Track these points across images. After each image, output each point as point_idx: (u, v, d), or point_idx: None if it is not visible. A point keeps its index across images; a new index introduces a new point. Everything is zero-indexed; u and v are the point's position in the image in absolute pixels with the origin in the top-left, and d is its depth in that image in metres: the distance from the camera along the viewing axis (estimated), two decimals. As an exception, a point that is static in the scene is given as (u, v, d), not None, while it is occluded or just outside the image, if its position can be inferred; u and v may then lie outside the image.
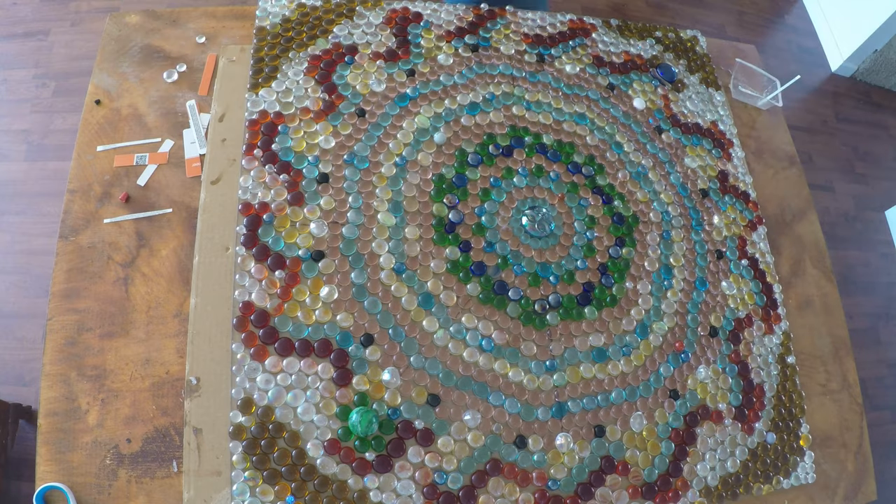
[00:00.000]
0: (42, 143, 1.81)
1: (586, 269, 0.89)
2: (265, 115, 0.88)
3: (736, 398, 0.88)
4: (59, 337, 0.75)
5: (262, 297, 0.77)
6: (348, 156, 0.87)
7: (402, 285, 0.81)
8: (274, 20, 0.96)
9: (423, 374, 0.78)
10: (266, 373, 0.74)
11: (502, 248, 0.87)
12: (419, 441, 0.75)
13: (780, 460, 0.88)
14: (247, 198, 0.82)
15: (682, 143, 1.03)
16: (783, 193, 1.08)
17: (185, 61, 0.93)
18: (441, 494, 0.73)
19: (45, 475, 0.69)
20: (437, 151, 0.91)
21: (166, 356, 0.75)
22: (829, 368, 0.98)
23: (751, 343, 0.92)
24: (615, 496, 0.78)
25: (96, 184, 0.83)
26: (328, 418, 0.73)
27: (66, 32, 1.97)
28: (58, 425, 0.71)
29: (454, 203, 0.88)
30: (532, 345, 0.82)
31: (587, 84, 1.03)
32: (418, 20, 1.01)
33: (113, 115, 0.88)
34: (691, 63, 1.13)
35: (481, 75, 0.99)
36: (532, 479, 0.77)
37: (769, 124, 1.14)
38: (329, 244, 0.81)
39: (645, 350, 0.86)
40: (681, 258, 0.94)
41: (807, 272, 1.03)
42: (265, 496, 0.69)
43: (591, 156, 0.97)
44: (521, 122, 0.97)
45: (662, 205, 0.97)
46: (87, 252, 0.79)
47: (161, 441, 0.71)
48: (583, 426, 0.80)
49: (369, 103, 0.92)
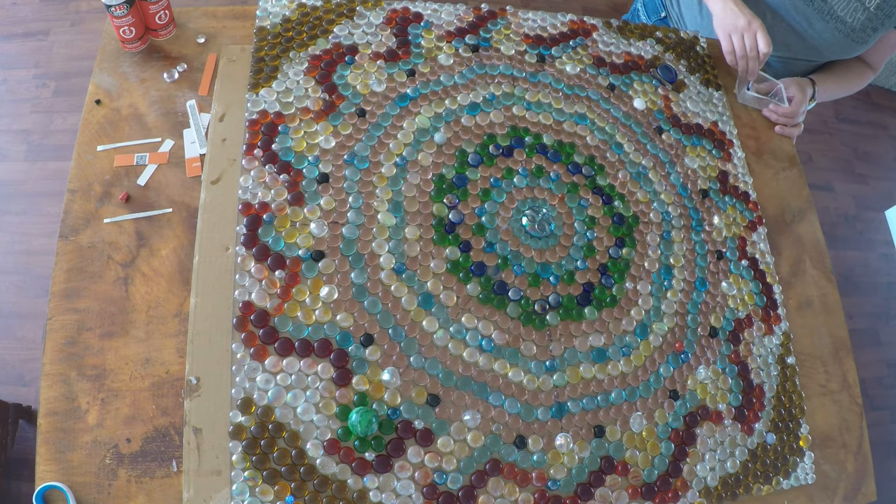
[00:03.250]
0: (42, 143, 1.81)
1: (586, 269, 0.89)
2: (265, 115, 0.88)
3: (736, 399, 0.88)
4: (58, 337, 0.75)
5: (262, 297, 0.77)
6: (348, 156, 0.87)
7: (402, 285, 0.81)
8: (274, 20, 0.96)
9: (423, 374, 0.78)
10: (266, 373, 0.74)
11: (502, 248, 0.87)
12: (419, 441, 0.75)
13: (779, 461, 0.88)
14: (247, 198, 0.82)
15: (683, 143, 1.03)
16: (783, 194, 1.08)
17: (186, 61, 0.93)
18: (441, 494, 0.73)
19: (45, 475, 0.69)
20: (438, 151, 0.91)
21: (166, 356, 0.75)
22: (829, 369, 0.98)
23: (751, 343, 0.92)
24: (615, 496, 0.78)
25: (96, 184, 0.83)
26: (328, 418, 0.73)
27: (66, 32, 1.97)
28: (58, 425, 0.71)
29: (454, 203, 0.88)
30: (532, 345, 0.82)
31: (587, 84, 1.03)
32: (418, 20, 1.01)
33: (113, 115, 0.88)
34: (691, 63, 1.13)
35: (481, 75, 0.99)
36: (532, 479, 0.77)
37: (769, 125, 1.14)
38: (329, 244, 0.81)
39: (645, 350, 0.86)
40: (681, 258, 0.94)
41: (807, 272, 1.03)
42: (265, 496, 0.69)
43: (592, 156, 0.97)
44: (522, 123, 0.97)
45: (662, 205, 0.97)
46: (87, 252, 0.79)
47: (161, 441, 0.71)
48: (582, 426, 0.80)
49: (369, 103, 0.92)
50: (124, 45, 0.91)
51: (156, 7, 0.89)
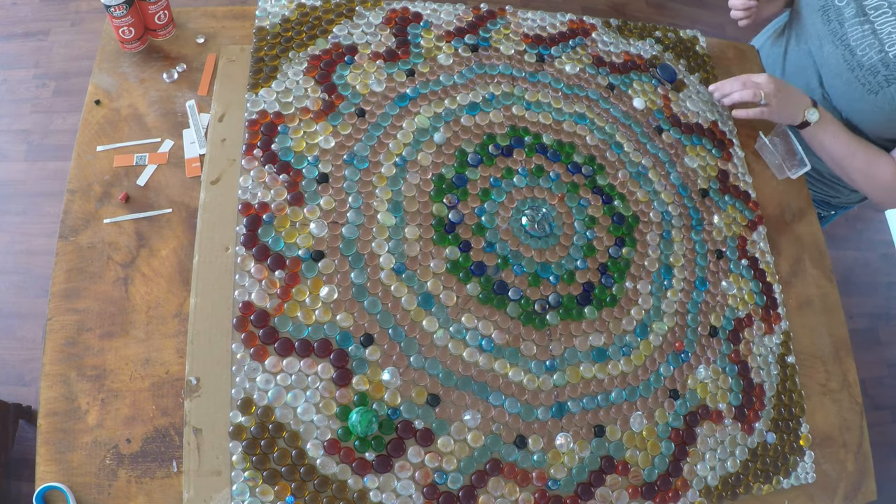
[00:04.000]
0: (42, 143, 1.81)
1: (586, 269, 0.89)
2: (265, 115, 0.88)
3: (736, 398, 0.88)
4: (58, 337, 0.75)
5: (262, 297, 0.77)
6: (348, 156, 0.87)
7: (402, 285, 0.81)
8: (273, 20, 0.96)
9: (423, 374, 0.78)
10: (266, 373, 0.74)
11: (502, 248, 0.87)
12: (419, 441, 0.75)
13: (780, 460, 0.88)
14: (246, 198, 0.82)
15: (683, 142, 1.03)
16: (783, 193, 1.08)
17: (185, 61, 0.93)
18: (441, 494, 0.73)
19: (45, 475, 0.69)
20: (437, 151, 0.91)
21: (166, 356, 0.75)
22: (829, 368, 0.98)
23: (751, 343, 0.92)
24: (615, 496, 0.78)
25: (96, 184, 0.83)
26: (328, 418, 0.73)
27: (66, 32, 1.97)
28: (58, 425, 0.71)
29: (454, 203, 0.88)
30: (532, 345, 0.82)
31: (587, 84, 1.03)
32: (418, 20, 1.01)
33: (113, 115, 0.88)
34: (691, 62, 1.13)
35: (481, 75, 0.99)
36: (532, 479, 0.77)
37: (770, 125, 1.14)
38: (329, 244, 0.81)
39: (645, 350, 0.86)
40: (681, 258, 0.94)
41: (807, 272, 1.03)
42: (265, 496, 0.69)
43: (591, 156, 0.97)
44: (521, 122, 0.97)
45: (662, 204, 0.97)
46: (87, 252, 0.79)
47: (161, 441, 0.71)
48: (583, 426, 0.80)
49: (369, 103, 0.92)
50: (124, 46, 0.91)
51: (155, 7, 0.89)
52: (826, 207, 1.32)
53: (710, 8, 2.57)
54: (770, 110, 0.99)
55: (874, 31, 0.96)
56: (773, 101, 0.98)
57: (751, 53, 1.23)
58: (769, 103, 0.98)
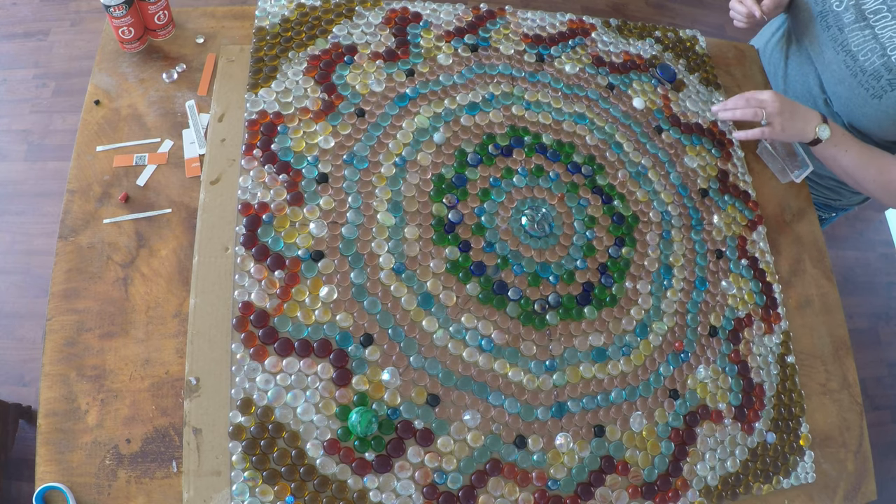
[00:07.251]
0: (42, 143, 1.81)
1: (586, 268, 0.89)
2: (264, 115, 0.88)
3: (736, 398, 0.88)
4: (58, 337, 0.75)
5: (262, 297, 0.77)
6: (348, 156, 0.87)
7: (402, 285, 0.81)
8: (273, 20, 0.96)
9: (423, 374, 0.78)
10: (266, 373, 0.74)
11: (502, 248, 0.87)
12: (419, 441, 0.75)
13: (780, 460, 0.88)
14: (246, 198, 0.82)
15: (682, 142, 1.03)
16: (783, 193, 1.08)
17: (185, 61, 0.93)
18: (441, 494, 0.73)
19: (45, 475, 0.69)
20: (437, 151, 0.91)
21: (166, 356, 0.75)
22: (829, 368, 0.98)
23: (751, 343, 0.92)
24: (615, 496, 0.78)
25: (96, 184, 0.83)
26: (328, 418, 0.73)
27: (66, 32, 1.97)
28: (57, 425, 0.71)
29: (454, 203, 0.88)
30: (532, 345, 0.82)
31: (587, 84, 1.03)
32: (418, 20, 1.01)
33: (112, 116, 0.88)
34: (690, 62, 1.13)
35: (481, 75, 0.99)
36: (532, 478, 0.77)
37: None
38: (329, 244, 0.81)
39: (645, 350, 0.86)
40: (680, 258, 0.94)
41: (806, 272, 1.03)
42: (265, 496, 0.69)
43: (591, 156, 0.97)
44: (521, 122, 0.97)
45: (662, 204, 0.97)
46: (87, 252, 0.79)
47: (161, 441, 0.71)
48: (583, 426, 0.80)
49: (369, 103, 0.92)
50: (123, 46, 0.91)
51: (155, 7, 0.89)
52: (827, 210, 1.32)
53: (710, 8, 2.57)
54: (772, 130, 0.97)
55: (875, 35, 0.96)
56: (775, 120, 0.96)
57: (751, 53, 1.23)
58: (771, 123, 0.97)
